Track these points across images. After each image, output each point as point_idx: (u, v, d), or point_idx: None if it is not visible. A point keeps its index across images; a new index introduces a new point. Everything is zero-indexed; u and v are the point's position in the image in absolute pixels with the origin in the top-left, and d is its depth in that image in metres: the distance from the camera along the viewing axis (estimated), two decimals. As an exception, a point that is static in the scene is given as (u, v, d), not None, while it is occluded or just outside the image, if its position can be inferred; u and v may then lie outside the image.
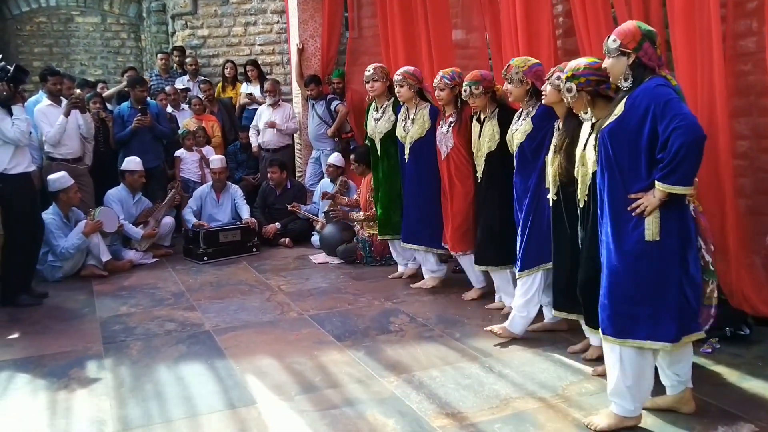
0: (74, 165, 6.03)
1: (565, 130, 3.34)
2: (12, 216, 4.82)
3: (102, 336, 4.20)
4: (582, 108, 3.09)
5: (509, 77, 3.82)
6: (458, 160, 4.51)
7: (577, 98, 3.05)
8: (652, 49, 2.74)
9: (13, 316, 4.68)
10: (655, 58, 2.75)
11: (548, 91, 3.43)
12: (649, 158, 2.71)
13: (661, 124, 2.62)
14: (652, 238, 2.71)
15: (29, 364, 3.77)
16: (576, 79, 3.02)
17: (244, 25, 8.79)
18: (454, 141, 4.48)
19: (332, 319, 4.42)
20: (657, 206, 2.68)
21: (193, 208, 6.64)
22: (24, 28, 11.48)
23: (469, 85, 4.14)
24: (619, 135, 2.74)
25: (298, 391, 3.34)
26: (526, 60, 3.85)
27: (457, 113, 4.48)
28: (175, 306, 4.82)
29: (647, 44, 2.73)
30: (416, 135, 4.74)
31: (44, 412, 3.18)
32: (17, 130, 4.62)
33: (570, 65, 3.11)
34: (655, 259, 2.72)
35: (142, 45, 11.73)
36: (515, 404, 3.13)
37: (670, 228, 2.71)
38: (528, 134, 3.79)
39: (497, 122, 4.13)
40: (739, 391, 3.19)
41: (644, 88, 2.71)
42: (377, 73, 4.98)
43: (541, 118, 3.74)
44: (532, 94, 3.81)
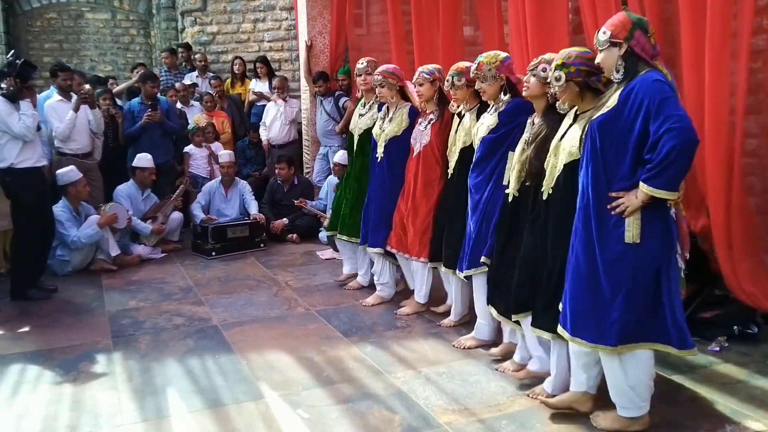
0: (83, 160, 6.06)
1: (543, 124, 3.18)
2: (19, 210, 4.85)
3: (111, 330, 4.23)
4: (567, 100, 2.93)
5: (481, 75, 3.60)
6: (428, 159, 4.24)
7: (565, 88, 2.89)
8: (645, 38, 2.63)
9: (23, 309, 4.72)
10: (649, 48, 2.64)
11: (531, 83, 3.21)
12: (636, 156, 2.62)
13: (654, 123, 2.52)
14: (632, 240, 2.62)
15: (39, 357, 3.80)
16: (566, 67, 2.86)
17: (253, 21, 8.81)
18: (430, 138, 4.22)
19: (339, 314, 4.43)
20: (638, 207, 2.59)
21: (202, 203, 6.67)
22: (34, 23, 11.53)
23: (452, 75, 3.93)
24: (610, 128, 2.65)
25: (305, 386, 3.35)
26: (496, 54, 3.63)
27: (439, 111, 4.26)
28: (183, 301, 4.84)
29: (638, 33, 2.63)
30: (392, 133, 4.48)
31: (53, 404, 3.21)
32: (23, 126, 4.65)
33: (561, 53, 2.95)
34: (633, 262, 2.62)
35: (152, 41, 11.76)
36: (522, 401, 3.13)
37: (652, 230, 2.62)
38: (491, 128, 3.60)
39: (476, 118, 3.89)
40: (747, 390, 3.18)
41: (641, 81, 2.59)
42: (370, 66, 4.81)
43: (509, 113, 3.56)
44: (506, 90, 3.62)
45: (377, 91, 4.55)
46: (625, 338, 2.68)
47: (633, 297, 2.66)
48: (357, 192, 4.85)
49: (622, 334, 2.68)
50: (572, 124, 2.97)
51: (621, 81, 2.67)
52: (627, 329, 2.67)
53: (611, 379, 2.80)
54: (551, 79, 2.94)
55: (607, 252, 2.66)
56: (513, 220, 3.34)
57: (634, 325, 2.67)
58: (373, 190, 4.66)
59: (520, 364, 3.43)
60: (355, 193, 4.86)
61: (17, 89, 4.70)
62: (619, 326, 2.67)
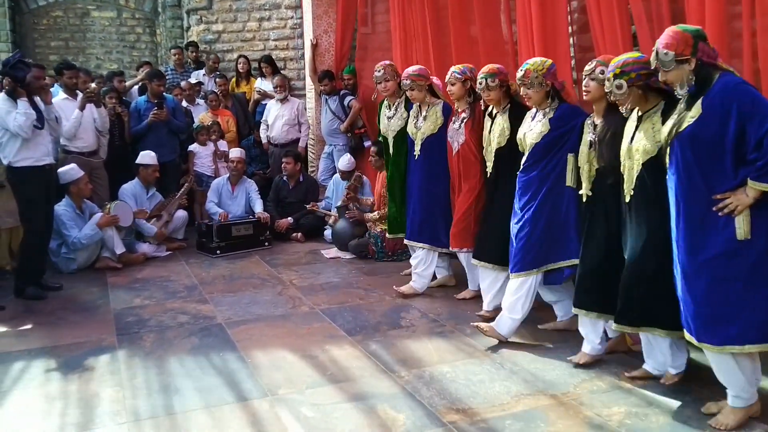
0: (89, 158, 6.08)
1: (607, 123, 3.28)
2: (22, 208, 4.86)
3: (116, 327, 4.24)
4: (632, 104, 3.04)
5: (528, 82, 3.68)
6: (467, 157, 4.42)
7: (628, 94, 3.00)
8: (707, 46, 2.71)
9: (28, 307, 4.73)
10: (712, 53, 2.72)
11: (592, 87, 3.32)
12: (736, 157, 2.66)
13: (752, 122, 2.58)
14: (744, 236, 2.67)
15: (44, 355, 3.82)
16: (626, 75, 2.97)
17: (259, 20, 8.81)
18: (466, 136, 4.39)
19: (343, 313, 4.43)
20: (748, 205, 2.64)
21: (214, 200, 6.68)
22: (41, 22, 11.57)
23: (485, 77, 4.04)
24: (701, 137, 2.70)
25: (309, 384, 3.35)
26: (543, 62, 3.72)
27: (470, 109, 4.41)
28: (188, 299, 4.85)
29: (701, 44, 2.71)
30: (428, 131, 4.65)
31: (58, 402, 3.22)
32: (16, 124, 4.64)
33: (615, 62, 3.04)
34: (746, 257, 2.68)
35: (158, 40, 11.79)
36: (526, 401, 3.12)
37: (761, 226, 2.67)
38: (544, 135, 3.69)
39: (508, 118, 4.06)
40: (753, 391, 3.16)
41: (722, 86, 2.66)
42: (388, 72, 4.87)
43: (561, 119, 3.66)
44: (553, 96, 3.72)
45: (409, 95, 4.69)
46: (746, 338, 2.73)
47: (752, 292, 2.70)
48: (403, 190, 4.99)
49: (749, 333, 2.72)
50: (638, 125, 3.06)
51: (698, 91, 2.73)
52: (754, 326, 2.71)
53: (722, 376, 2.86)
54: (612, 89, 3.03)
55: (719, 254, 2.71)
56: (591, 221, 3.43)
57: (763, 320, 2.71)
58: (413, 186, 4.82)
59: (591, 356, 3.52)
60: (402, 191, 5.00)
61: (12, 88, 4.71)
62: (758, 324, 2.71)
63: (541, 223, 3.72)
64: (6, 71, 4.71)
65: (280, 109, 7.43)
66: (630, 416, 2.95)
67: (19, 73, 4.71)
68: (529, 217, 3.75)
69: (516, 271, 3.81)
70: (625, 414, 2.97)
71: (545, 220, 3.71)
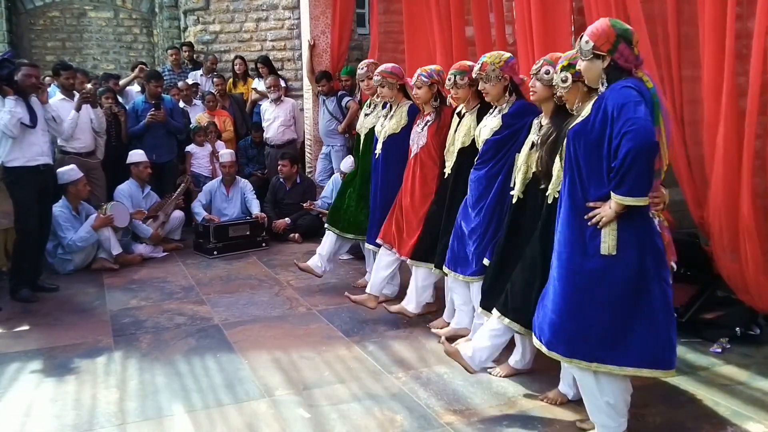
0: (86, 159, 6.07)
1: (550, 126, 3.12)
2: (15, 208, 4.84)
3: (112, 329, 4.23)
4: (575, 100, 2.86)
5: (485, 76, 3.55)
6: (425, 161, 4.24)
7: (572, 89, 2.84)
8: (629, 50, 2.54)
9: (24, 308, 4.72)
10: (632, 59, 2.56)
11: (537, 87, 3.17)
12: (609, 163, 2.53)
13: (615, 127, 2.46)
14: (608, 252, 2.53)
15: (40, 356, 3.81)
16: (573, 68, 2.80)
17: (256, 20, 8.81)
18: (427, 140, 4.21)
19: (341, 314, 4.43)
20: (612, 218, 2.50)
21: (203, 201, 6.67)
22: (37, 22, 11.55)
23: (454, 74, 3.87)
24: (583, 137, 2.59)
25: (307, 385, 3.35)
26: (500, 55, 3.59)
27: (435, 112, 4.24)
28: (185, 300, 4.84)
29: (623, 45, 2.54)
30: (390, 130, 4.51)
31: (54, 403, 3.21)
32: (1, 123, 4.61)
33: (566, 54, 2.91)
34: (610, 274, 2.54)
35: (155, 40, 11.78)
36: (523, 402, 3.12)
37: (628, 241, 2.52)
38: (494, 131, 3.57)
39: (476, 118, 3.87)
40: (749, 392, 3.17)
41: (611, 88, 2.54)
42: (371, 70, 4.83)
43: (514, 116, 3.53)
44: (511, 91, 3.58)
45: (378, 91, 4.58)
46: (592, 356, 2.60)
47: (609, 311, 2.57)
48: (361, 190, 4.88)
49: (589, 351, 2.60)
50: None
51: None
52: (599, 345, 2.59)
53: (586, 396, 2.73)
54: (557, 81, 2.90)
55: (586, 265, 2.59)
56: (516, 222, 3.31)
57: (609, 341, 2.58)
58: (374, 186, 4.70)
59: (514, 368, 3.44)
60: (359, 191, 4.89)
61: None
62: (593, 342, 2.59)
63: (492, 226, 3.58)
64: None
65: (275, 110, 7.45)
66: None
67: (3, 71, 4.67)
68: (479, 220, 3.64)
69: (473, 275, 3.68)
70: (622, 415, 2.97)
71: (495, 223, 3.57)
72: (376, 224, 4.63)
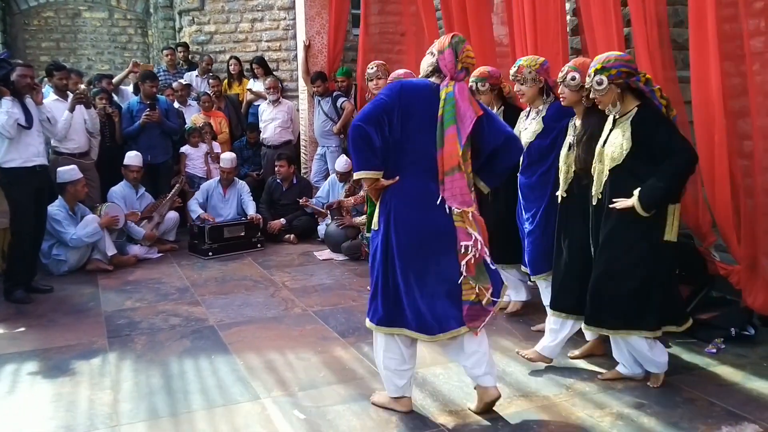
0: (80, 160, 6.04)
1: (585, 126, 3.30)
2: (11, 209, 4.82)
3: (107, 330, 4.22)
4: (610, 102, 3.06)
5: (521, 78, 3.73)
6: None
7: (607, 91, 3.01)
8: (452, 58, 2.82)
9: (19, 309, 4.70)
10: (452, 68, 2.83)
11: (566, 93, 3.34)
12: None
13: None
14: (374, 227, 2.93)
15: (35, 357, 3.79)
16: (607, 71, 2.99)
17: (251, 21, 8.80)
18: None
19: (336, 315, 4.42)
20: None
21: (199, 200, 6.66)
22: (32, 22, 11.52)
23: (475, 81, 4.08)
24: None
25: (302, 386, 3.34)
26: (535, 59, 3.78)
27: None
28: (180, 301, 4.83)
29: (449, 51, 2.84)
30: None
31: (49, 405, 3.20)
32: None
33: (598, 58, 3.07)
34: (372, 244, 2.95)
35: (149, 41, 11.76)
36: (518, 403, 3.12)
37: (381, 217, 2.88)
38: (538, 134, 3.75)
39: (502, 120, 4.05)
40: (744, 392, 3.18)
41: None
42: (380, 70, 4.94)
43: (553, 117, 3.70)
44: (546, 92, 3.75)
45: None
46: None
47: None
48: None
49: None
50: (612, 129, 3.08)
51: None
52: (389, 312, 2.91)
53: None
54: (592, 84, 3.05)
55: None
56: (566, 222, 3.45)
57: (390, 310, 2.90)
58: None
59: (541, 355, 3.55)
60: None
61: None
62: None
63: (549, 230, 3.72)
64: None
65: (273, 111, 7.45)
66: (621, 418, 2.95)
67: (1, 71, 4.66)
68: (536, 224, 3.83)
69: (536, 273, 3.91)
70: (617, 415, 2.97)
71: (551, 226, 3.69)
72: None
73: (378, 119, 2.75)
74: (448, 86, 2.82)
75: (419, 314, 2.84)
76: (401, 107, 2.78)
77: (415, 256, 2.83)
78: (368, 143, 2.75)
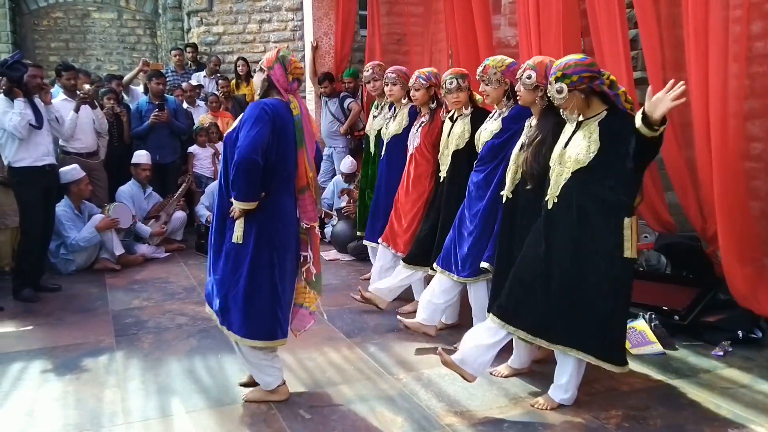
0: (87, 159, 6.07)
1: (538, 127, 3.18)
2: (21, 208, 4.88)
3: (114, 329, 4.24)
4: (575, 109, 2.90)
5: (486, 78, 3.59)
6: (419, 161, 4.35)
7: (570, 98, 2.87)
8: (282, 72, 3.01)
9: (27, 307, 4.73)
10: (284, 82, 3.03)
11: (522, 92, 3.21)
12: None
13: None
14: (236, 240, 3.02)
15: (42, 355, 3.81)
16: (567, 78, 2.83)
17: (259, 22, 8.83)
18: (420, 140, 4.34)
19: (342, 315, 4.43)
20: (241, 214, 3.00)
21: (205, 203, 6.67)
22: (41, 23, 11.59)
23: (455, 77, 3.92)
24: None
25: (308, 386, 3.35)
26: (503, 59, 3.64)
27: (430, 114, 4.36)
28: (187, 300, 4.85)
29: (278, 66, 3.02)
30: (393, 132, 4.66)
31: (56, 402, 3.22)
32: (11, 124, 4.65)
33: (557, 65, 2.91)
34: (234, 258, 3.05)
35: (158, 41, 11.81)
36: (524, 404, 3.12)
37: (249, 232, 3.00)
38: (495, 133, 3.63)
39: (470, 121, 3.96)
40: (751, 395, 3.17)
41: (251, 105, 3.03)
42: (376, 72, 4.99)
43: (513, 119, 3.58)
44: (509, 95, 3.60)
45: (389, 89, 4.65)
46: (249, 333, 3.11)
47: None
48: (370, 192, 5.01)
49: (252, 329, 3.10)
50: (576, 131, 2.95)
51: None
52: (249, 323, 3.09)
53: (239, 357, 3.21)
54: (552, 93, 2.92)
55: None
56: (510, 224, 3.35)
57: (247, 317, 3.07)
58: (378, 187, 4.83)
59: (514, 368, 3.44)
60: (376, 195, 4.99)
61: (8, 88, 4.71)
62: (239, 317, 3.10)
63: (488, 229, 3.63)
64: (3, 71, 4.71)
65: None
66: (627, 419, 2.94)
67: (16, 73, 4.71)
68: (477, 221, 3.68)
69: (463, 275, 3.74)
70: (623, 417, 2.96)
71: (491, 226, 3.61)
72: (376, 222, 4.77)
73: (264, 149, 2.91)
74: (295, 107, 3.04)
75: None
76: (275, 131, 2.96)
77: (280, 267, 3.07)
78: (258, 174, 2.92)
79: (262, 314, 3.05)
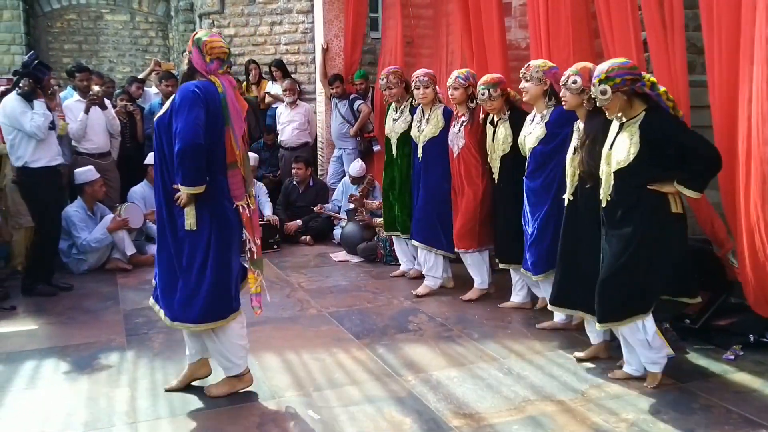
0: (99, 160, 6.11)
1: (587, 129, 3.35)
2: (36, 209, 4.93)
3: (125, 328, 4.27)
4: (617, 110, 3.09)
5: (528, 75, 3.86)
6: (468, 160, 4.57)
7: (613, 100, 3.04)
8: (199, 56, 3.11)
9: (39, 306, 4.77)
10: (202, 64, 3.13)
11: (568, 97, 3.42)
12: None
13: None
14: (189, 227, 3.03)
15: (54, 354, 3.84)
16: (611, 80, 3.02)
17: (270, 24, 8.86)
18: (465, 140, 4.54)
19: (351, 316, 4.44)
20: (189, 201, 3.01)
21: None
22: (54, 25, 11.70)
23: (487, 88, 4.20)
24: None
25: (316, 387, 3.36)
26: (546, 62, 3.91)
27: (469, 113, 4.55)
28: (197, 301, 4.86)
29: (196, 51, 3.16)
30: (430, 134, 4.80)
31: (67, 401, 3.24)
32: (33, 124, 4.71)
33: (600, 68, 3.10)
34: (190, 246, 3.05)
35: (170, 43, 11.89)
36: (534, 406, 3.11)
37: (201, 218, 3.03)
38: (541, 139, 3.86)
39: (509, 125, 4.23)
40: (762, 399, 3.14)
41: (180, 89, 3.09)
42: (391, 81, 5.09)
43: (556, 123, 3.79)
44: (550, 95, 3.84)
45: (423, 92, 4.77)
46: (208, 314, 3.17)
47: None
48: (403, 191, 5.15)
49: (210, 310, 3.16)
50: (619, 132, 3.12)
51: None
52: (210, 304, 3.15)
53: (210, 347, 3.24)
54: (596, 94, 3.09)
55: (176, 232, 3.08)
56: (573, 224, 3.50)
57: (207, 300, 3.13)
58: (417, 188, 4.97)
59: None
60: (402, 193, 5.16)
61: (31, 89, 4.77)
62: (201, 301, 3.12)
63: (549, 233, 3.87)
64: (28, 72, 4.77)
65: (291, 113, 7.49)
66: (638, 423, 2.93)
67: (41, 74, 4.80)
68: (542, 221, 3.92)
69: (538, 273, 4.01)
70: (633, 421, 2.95)
71: (552, 229, 3.83)
72: (417, 222, 4.96)
73: (203, 130, 2.95)
74: (219, 86, 3.06)
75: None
76: (208, 111, 2.99)
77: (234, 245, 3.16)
78: (203, 157, 2.96)
79: (226, 294, 3.17)
